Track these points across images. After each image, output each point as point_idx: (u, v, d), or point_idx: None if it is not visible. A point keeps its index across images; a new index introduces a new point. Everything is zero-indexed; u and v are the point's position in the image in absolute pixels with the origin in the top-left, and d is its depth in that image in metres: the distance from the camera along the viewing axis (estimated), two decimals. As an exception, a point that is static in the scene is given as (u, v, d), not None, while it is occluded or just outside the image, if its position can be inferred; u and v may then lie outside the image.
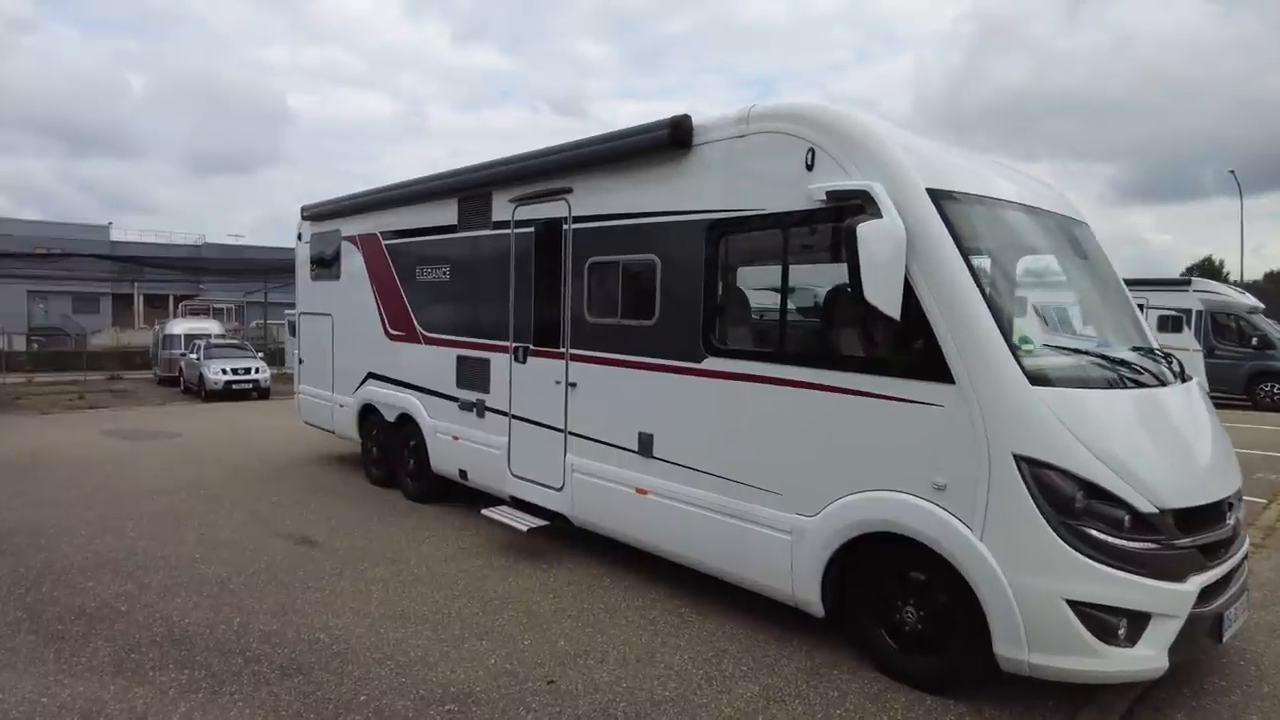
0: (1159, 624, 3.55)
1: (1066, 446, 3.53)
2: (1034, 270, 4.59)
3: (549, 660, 4.38)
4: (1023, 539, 3.56)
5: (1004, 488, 3.59)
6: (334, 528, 6.96)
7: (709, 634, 4.74)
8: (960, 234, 3.86)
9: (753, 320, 4.82)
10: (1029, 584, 3.55)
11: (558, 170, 5.91)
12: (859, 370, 4.10)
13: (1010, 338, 3.69)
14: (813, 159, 4.24)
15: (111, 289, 40.58)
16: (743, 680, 4.17)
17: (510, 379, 6.46)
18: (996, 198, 4.32)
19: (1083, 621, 3.50)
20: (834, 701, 3.96)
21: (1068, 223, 4.87)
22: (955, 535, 3.73)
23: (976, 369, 3.67)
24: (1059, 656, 3.56)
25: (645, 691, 4.03)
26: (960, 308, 3.72)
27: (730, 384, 4.71)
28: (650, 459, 5.23)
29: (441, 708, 3.85)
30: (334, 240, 9.07)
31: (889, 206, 3.82)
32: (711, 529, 4.84)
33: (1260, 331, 17.05)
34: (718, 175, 4.80)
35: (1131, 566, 3.49)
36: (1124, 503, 3.52)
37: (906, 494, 3.91)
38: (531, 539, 6.37)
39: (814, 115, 4.30)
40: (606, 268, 5.59)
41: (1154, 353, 4.52)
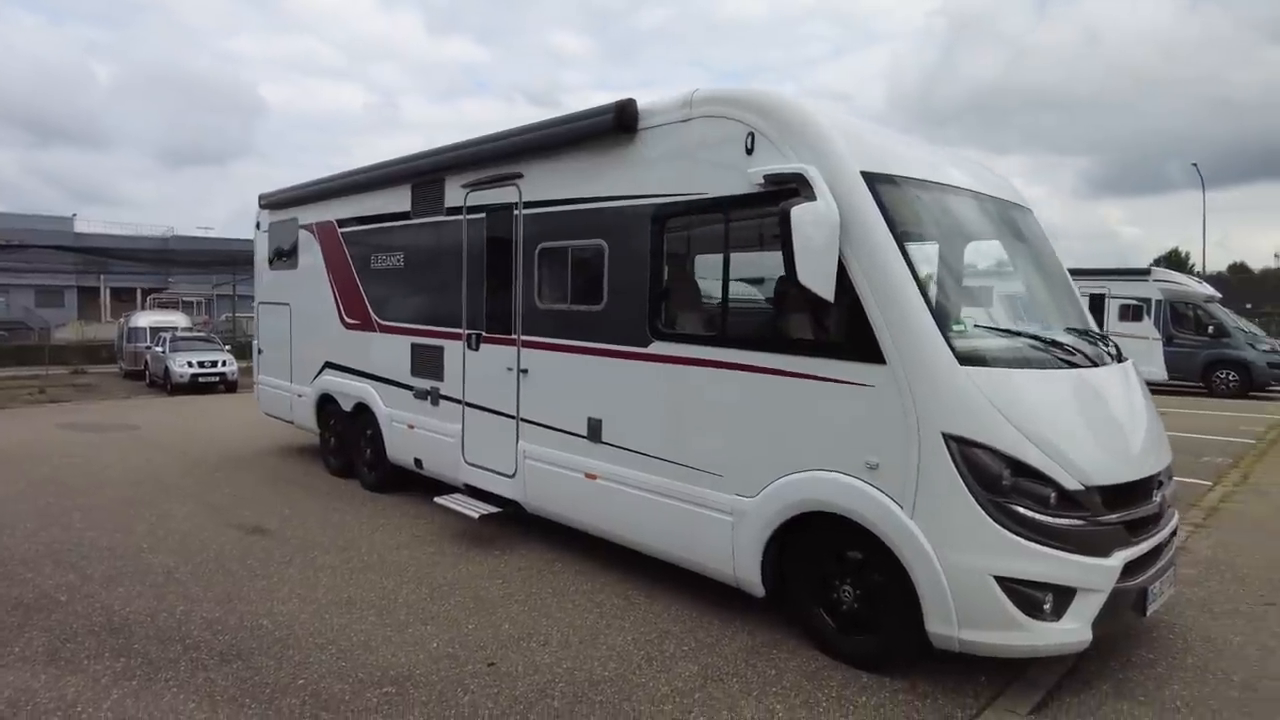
0: (1083, 598, 3.63)
1: (994, 425, 3.59)
2: (970, 253, 4.65)
3: (491, 643, 4.39)
4: (951, 517, 3.62)
5: (933, 466, 3.65)
6: (288, 517, 6.91)
7: (655, 616, 4.77)
8: (893, 217, 3.90)
9: (695, 304, 4.84)
10: (958, 561, 3.62)
11: (508, 155, 5.89)
12: (795, 352, 4.15)
13: (940, 319, 3.74)
14: (752, 143, 4.26)
15: (76, 282, 39.81)
16: (683, 660, 4.21)
17: (463, 366, 6.44)
18: (935, 181, 4.37)
19: (1010, 597, 3.57)
20: (771, 680, 4.01)
21: (1010, 208, 4.94)
22: (887, 514, 3.78)
23: (906, 350, 3.72)
24: (987, 631, 3.63)
25: (584, 672, 4.06)
26: (891, 289, 3.77)
27: (674, 368, 4.74)
28: (599, 444, 5.25)
29: (379, 690, 3.85)
30: (292, 229, 8.98)
31: (823, 189, 3.85)
32: (657, 512, 4.87)
33: (1216, 320, 17.42)
34: (662, 160, 4.81)
35: (1057, 542, 3.57)
36: (1050, 480, 3.59)
37: (841, 474, 3.96)
38: (485, 526, 6.37)
39: (754, 100, 4.32)
40: (556, 253, 5.59)
41: (1090, 335, 4.61)
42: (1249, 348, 17.02)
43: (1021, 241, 4.87)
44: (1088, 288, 18.62)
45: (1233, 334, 17.16)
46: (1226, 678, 4.03)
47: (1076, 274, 19.26)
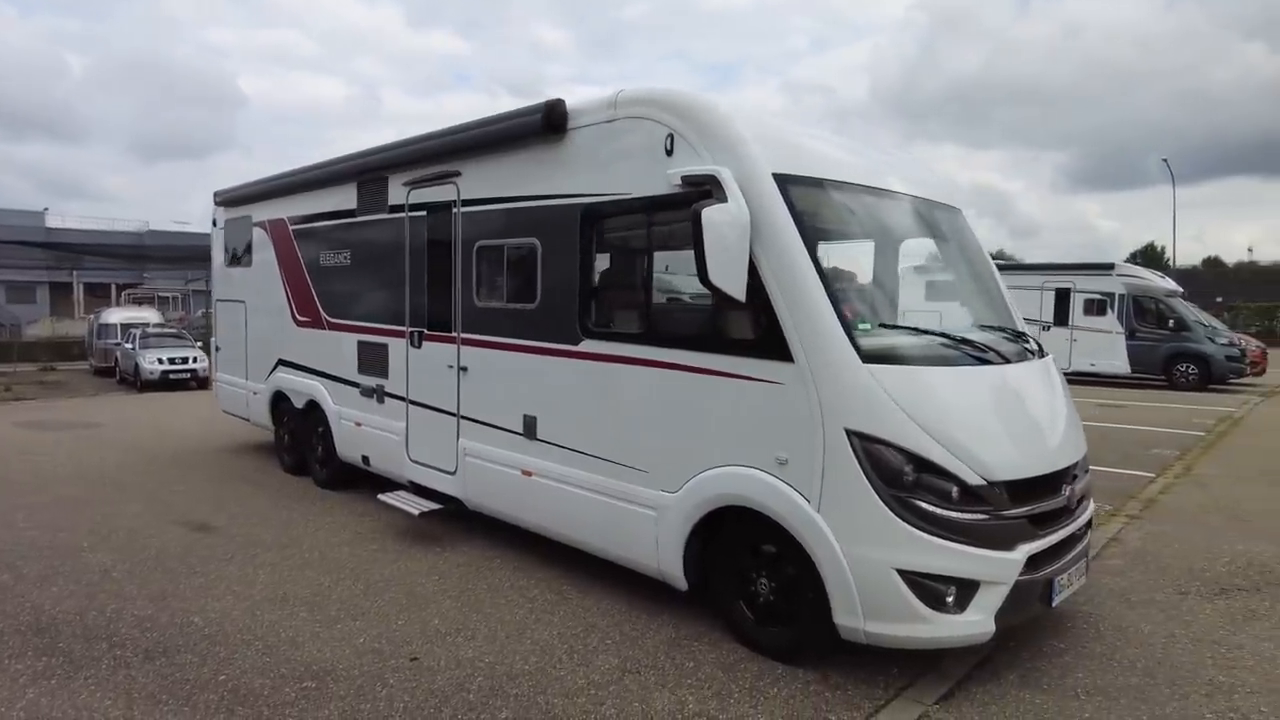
0: (986, 591, 3.73)
1: (896, 422, 3.67)
2: (884, 252, 4.73)
3: (418, 639, 4.44)
4: (855, 511, 3.71)
5: (838, 462, 3.73)
6: (236, 515, 6.92)
7: (584, 611, 4.84)
8: (803, 217, 3.98)
9: (622, 303, 4.89)
10: (862, 555, 3.70)
11: (447, 153, 5.92)
12: (711, 350, 4.22)
13: (846, 318, 3.82)
14: (672, 144, 4.32)
15: (48, 277, 39.27)
16: (604, 653, 4.28)
17: (407, 364, 6.47)
18: (853, 182, 4.44)
19: (913, 590, 3.66)
20: (688, 671, 4.08)
21: (935, 208, 5.01)
22: (795, 509, 3.86)
23: (812, 348, 3.79)
24: (891, 624, 3.72)
25: (505, 666, 4.12)
26: (797, 289, 3.84)
27: (603, 365, 4.80)
28: (534, 441, 5.30)
29: (299, 685, 3.89)
30: (246, 226, 8.96)
31: (734, 190, 3.91)
32: (588, 508, 4.93)
33: (1177, 314, 17.69)
34: (590, 159, 4.86)
35: (960, 536, 3.66)
36: (952, 475, 3.68)
37: (754, 469, 4.04)
38: (431, 523, 6.42)
39: (673, 100, 4.38)
40: (492, 251, 5.63)
41: (1007, 331, 4.70)
42: (1208, 342, 17.31)
43: (944, 241, 4.96)
44: (1054, 282, 18.93)
45: (1192, 328, 17.44)
46: (1130, 665, 4.15)
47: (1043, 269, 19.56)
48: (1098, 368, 18.19)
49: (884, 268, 4.69)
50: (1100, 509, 7.17)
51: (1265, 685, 3.92)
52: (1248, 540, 6.24)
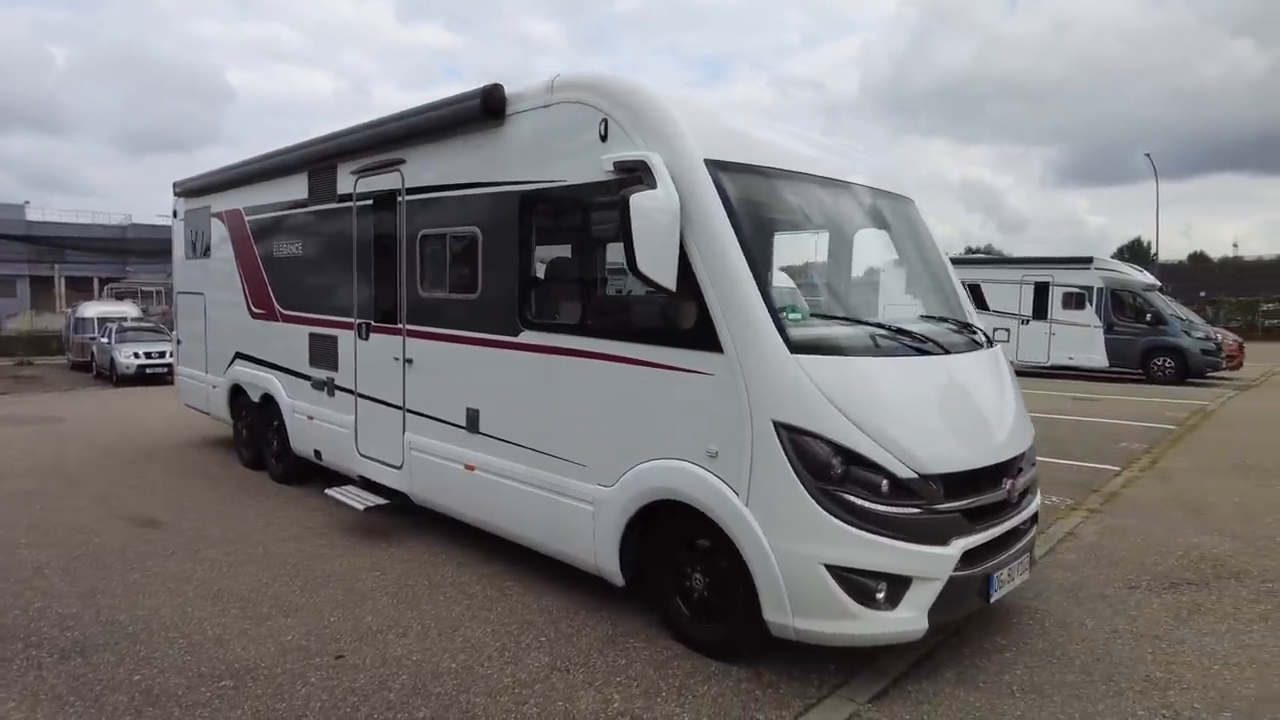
0: (919, 587, 3.64)
1: (824, 414, 3.59)
2: (822, 241, 4.64)
3: (348, 636, 4.34)
4: (783, 505, 3.62)
5: (766, 455, 3.64)
6: (186, 510, 6.80)
7: (523, 608, 4.74)
8: (735, 205, 3.88)
9: (560, 293, 4.79)
10: (790, 549, 3.62)
11: (392, 141, 5.80)
12: (646, 341, 4.12)
13: (775, 308, 3.72)
14: (606, 129, 4.21)
15: (29, 271, 38.92)
16: (535, 651, 4.18)
17: (355, 356, 6.36)
18: (792, 170, 4.34)
19: (841, 586, 3.57)
20: (619, 669, 3.99)
21: (882, 197, 4.92)
22: (725, 502, 3.78)
23: (741, 338, 3.70)
24: (820, 621, 3.64)
25: (432, 664, 4.02)
26: (727, 278, 3.75)
27: (541, 357, 4.70)
28: (476, 434, 5.20)
29: (216, 685, 3.79)
30: (205, 217, 8.81)
31: (664, 177, 3.81)
32: (529, 503, 4.84)
33: (1154, 308, 17.69)
34: (529, 146, 4.76)
35: (890, 531, 3.57)
36: (881, 469, 3.59)
37: (686, 462, 3.95)
38: (380, 518, 6.31)
39: (607, 86, 4.27)
40: (436, 240, 5.53)
41: (951, 322, 4.62)
42: (1184, 335, 17.31)
43: (891, 230, 4.87)
44: (1033, 276, 18.90)
45: (1169, 322, 17.44)
46: (1069, 661, 4.08)
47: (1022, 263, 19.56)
48: (1076, 361, 18.19)
49: (822, 256, 4.59)
50: (1061, 503, 7.15)
51: (1201, 681, 3.85)
52: (1204, 534, 6.19)
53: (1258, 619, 4.58)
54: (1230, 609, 4.73)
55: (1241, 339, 20.12)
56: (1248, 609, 4.72)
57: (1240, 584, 5.14)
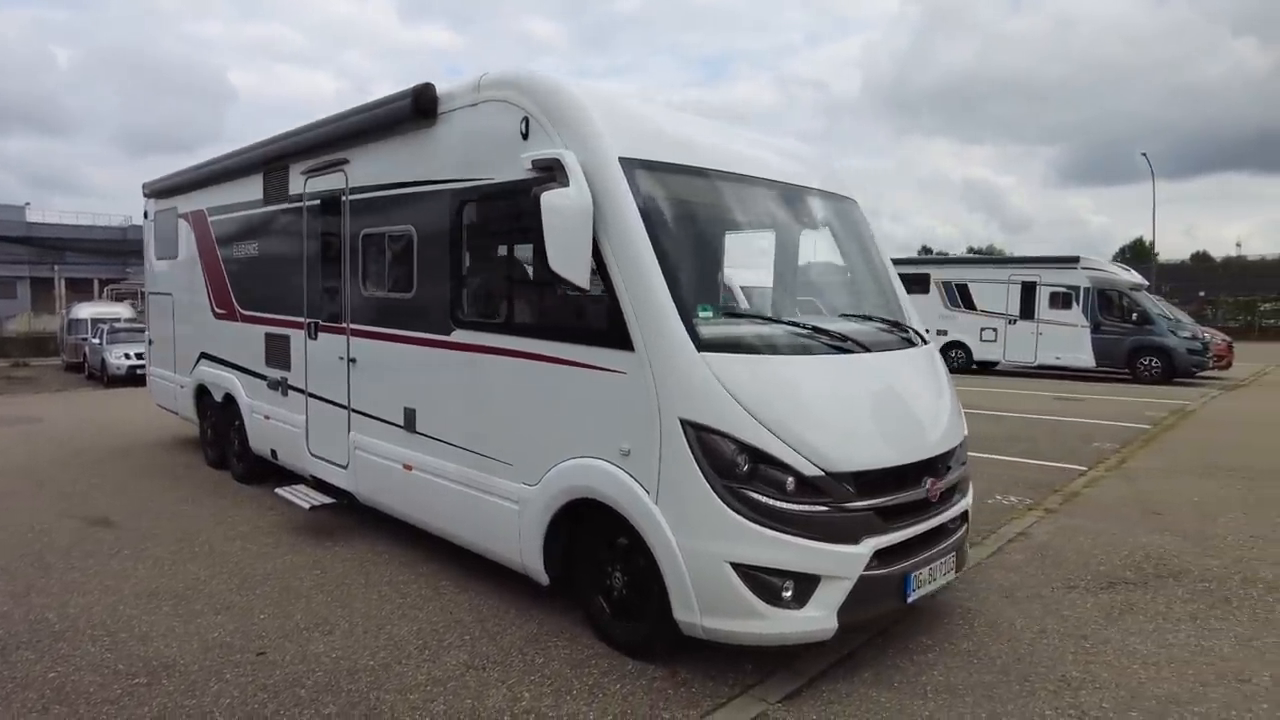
0: (828, 586, 3.62)
1: (730, 412, 3.57)
2: (742, 240, 4.62)
3: (274, 633, 4.35)
4: (689, 503, 3.61)
5: (673, 453, 3.64)
6: (142, 509, 6.83)
7: (454, 606, 4.74)
8: (650, 202, 3.88)
9: (487, 292, 4.79)
10: (696, 548, 3.61)
11: (337, 141, 5.82)
12: (565, 340, 4.12)
13: (685, 306, 3.71)
14: (527, 127, 4.22)
15: (30, 272, 39.16)
16: (456, 649, 4.18)
17: (306, 356, 6.37)
18: (714, 168, 4.32)
19: (747, 584, 3.56)
20: (536, 668, 3.99)
21: (813, 195, 4.90)
22: (636, 500, 3.77)
23: (651, 336, 3.70)
24: (727, 620, 3.62)
25: (350, 662, 4.03)
26: (638, 276, 3.74)
27: (471, 356, 4.70)
28: (414, 434, 5.21)
29: (130, 681, 3.80)
30: (173, 218, 8.86)
31: (577, 175, 3.81)
32: (460, 502, 4.84)
33: (1141, 307, 17.59)
34: (459, 144, 4.76)
35: (796, 529, 3.55)
36: (787, 467, 3.57)
37: (602, 460, 3.94)
38: (329, 517, 6.32)
39: (528, 83, 4.28)
40: (376, 240, 5.54)
41: (880, 320, 4.60)
42: (1171, 335, 17.21)
43: (820, 229, 4.86)
44: (1020, 276, 18.82)
45: (1156, 321, 17.34)
46: (990, 662, 4.05)
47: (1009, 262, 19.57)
48: (1063, 361, 18.12)
49: (742, 254, 4.58)
50: (1019, 503, 7.13)
51: (1116, 680, 3.83)
52: (1155, 533, 6.16)
53: (1187, 618, 4.55)
54: (1163, 608, 4.70)
55: (1231, 339, 20.01)
56: (1179, 608, 4.69)
57: (1178, 583, 5.11)
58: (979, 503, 7.08)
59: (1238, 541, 5.95)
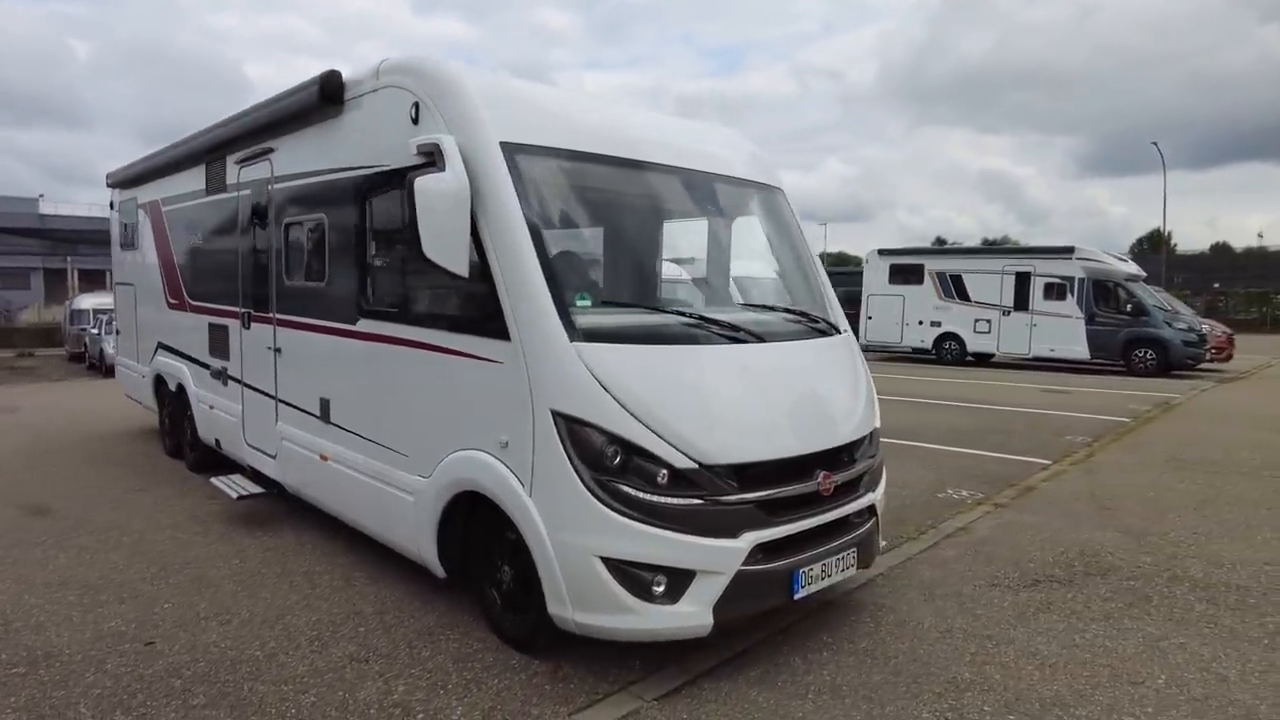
0: (703, 581, 3.54)
1: (600, 403, 3.49)
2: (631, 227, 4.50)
3: (171, 623, 4.34)
4: (560, 496, 3.54)
5: (545, 445, 3.56)
6: (86, 498, 6.86)
7: (360, 597, 4.71)
8: (531, 188, 3.80)
9: (386, 280, 4.72)
10: (567, 541, 3.53)
11: (263, 130, 5.78)
12: (451, 329, 4.06)
13: (560, 295, 3.62)
14: (417, 113, 4.14)
15: (42, 264, 39.64)
16: (347, 641, 4.14)
17: (241, 346, 6.36)
18: (605, 154, 4.19)
19: (618, 579, 3.48)
20: (421, 661, 3.94)
21: (722, 182, 4.74)
22: (512, 493, 3.70)
23: (525, 325, 3.62)
24: (598, 614, 3.55)
25: (237, 652, 4.00)
26: (514, 263, 3.66)
27: (373, 346, 4.66)
28: (329, 424, 5.17)
29: (7, 670, 3.80)
30: (133, 208, 8.89)
31: (454, 160, 3.73)
32: (367, 493, 4.81)
33: (1136, 299, 17.22)
34: (361, 131, 4.71)
35: (668, 523, 3.47)
36: (659, 459, 3.49)
37: (483, 453, 3.88)
38: (265, 506, 6.32)
39: (418, 68, 4.20)
40: (296, 229, 5.50)
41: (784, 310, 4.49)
42: (1166, 326, 16.84)
43: (728, 217, 4.74)
44: (1014, 266, 18.50)
45: (1151, 313, 16.97)
46: (885, 662, 3.95)
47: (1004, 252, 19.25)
48: (1057, 353, 17.80)
49: (632, 242, 4.47)
50: (970, 497, 6.98)
51: (1006, 682, 3.71)
52: (1099, 529, 6.00)
53: (1100, 618, 4.41)
54: (1080, 607, 4.56)
55: (1232, 331, 19.59)
56: (1096, 607, 4.56)
57: (1104, 581, 4.97)
58: (929, 496, 7.02)
59: (1178, 538, 5.78)
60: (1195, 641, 4.10)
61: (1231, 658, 3.94)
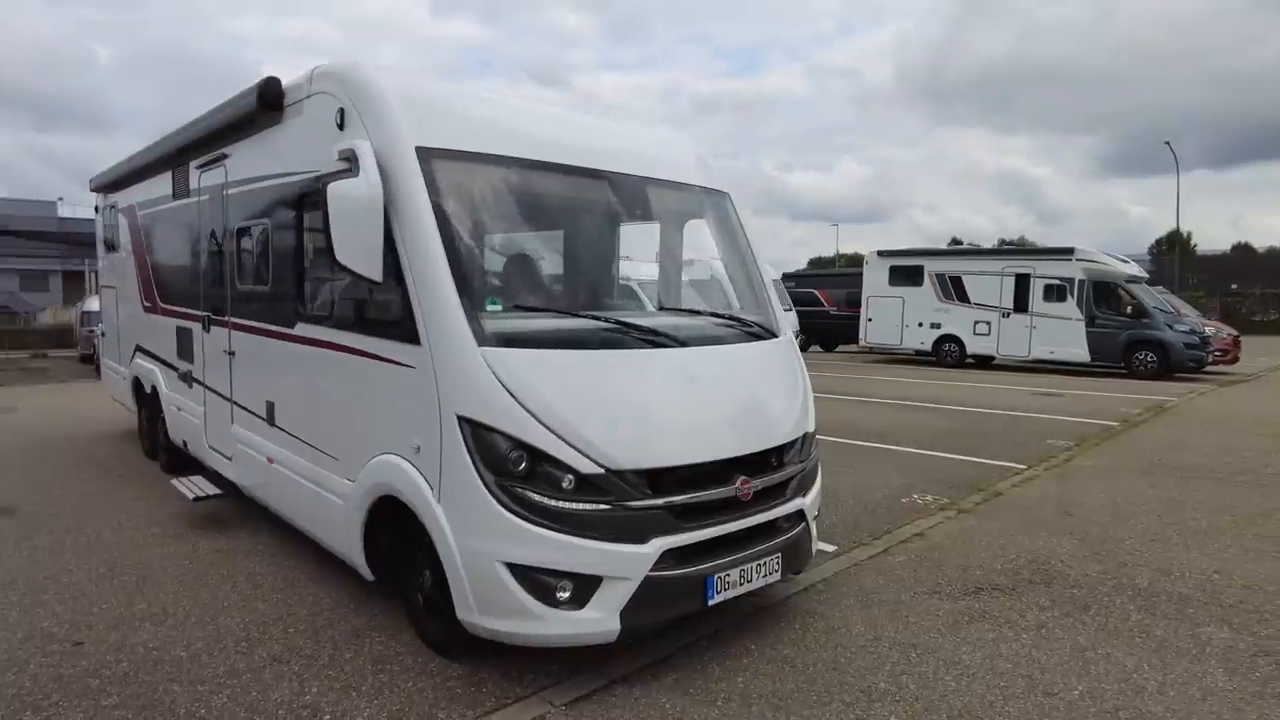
0: (610, 587, 3.53)
1: (505, 408, 3.49)
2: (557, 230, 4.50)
3: (106, 623, 4.39)
4: (466, 502, 3.54)
5: (452, 450, 3.57)
6: (54, 498, 6.96)
7: (299, 599, 4.74)
8: (446, 192, 3.80)
9: (318, 285, 4.76)
10: (472, 546, 3.54)
11: (218, 135, 5.84)
12: (372, 334, 4.09)
13: (469, 299, 3.63)
14: (342, 119, 4.17)
15: (61, 266, 40.40)
16: (272, 642, 4.17)
17: (203, 349, 6.43)
18: (526, 158, 4.15)
19: (523, 585, 3.48)
20: (340, 663, 3.96)
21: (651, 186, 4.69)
22: (423, 498, 3.72)
23: (434, 329, 3.63)
24: (504, 620, 3.55)
25: (162, 653, 4.04)
26: (425, 267, 3.67)
27: (308, 349, 4.69)
28: (273, 427, 5.22)
29: (-73, 670, 3.86)
30: (114, 213, 9.02)
31: (368, 165, 3.75)
32: (305, 495, 4.84)
33: (1137, 300, 16.94)
34: (297, 137, 4.75)
35: (573, 529, 3.46)
36: (564, 465, 3.48)
37: (399, 456, 3.90)
38: (227, 507, 6.38)
39: (343, 74, 4.23)
40: (246, 234, 5.56)
41: (711, 315, 4.46)
42: (1167, 328, 16.55)
43: (658, 221, 4.71)
44: (1014, 268, 18.28)
45: (1152, 314, 16.69)
46: (802, 670, 3.91)
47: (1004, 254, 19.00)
48: (1057, 355, 17.57)
49: (552, 247, 4.46)
50: (934, 502, 6.91)
51: (919, 693, 3.66)
52: (1056, 536, 5.92)
53: (1032, 627, 4.35)
54: (1015, 616, 4.50)
55: (1238, 333, 19.22)
56: (1032, 616, 4.49)
57: (1048, 589, 4.89)
58: (892, 501, 6.96)
59: (1134, 546, 5.69)
60: (1121, 652, 4.03)
61: (1154, 668, 3.87)
